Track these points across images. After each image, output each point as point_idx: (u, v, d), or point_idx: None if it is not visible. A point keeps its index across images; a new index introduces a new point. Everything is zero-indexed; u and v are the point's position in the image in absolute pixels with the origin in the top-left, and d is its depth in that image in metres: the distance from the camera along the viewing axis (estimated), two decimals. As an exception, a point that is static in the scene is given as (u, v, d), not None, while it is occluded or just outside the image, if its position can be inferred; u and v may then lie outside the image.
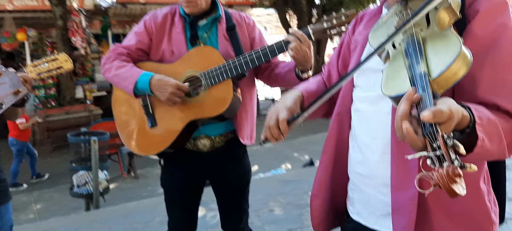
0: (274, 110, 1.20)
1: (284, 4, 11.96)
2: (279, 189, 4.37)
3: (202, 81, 1.80)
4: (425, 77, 0.80)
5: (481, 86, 0.94)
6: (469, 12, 1.00)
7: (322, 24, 1.72)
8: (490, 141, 0.84)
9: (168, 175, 2.04)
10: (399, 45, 0.96)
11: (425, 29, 0.93)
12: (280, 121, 1.15)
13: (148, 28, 1.92)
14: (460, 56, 0.80)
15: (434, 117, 0.71)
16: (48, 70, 1.83)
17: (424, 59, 0.85)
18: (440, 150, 0.70)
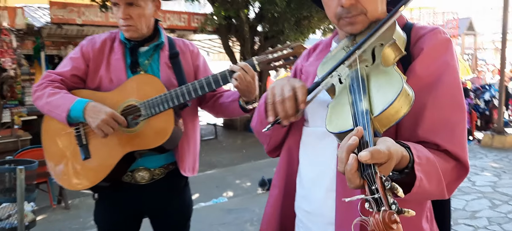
0: (283, 82, 1.03)
1: (227, 31, 12.05)
2: (220, 219, 4.27)
3: (141, 111, 1.71)
4: (367, 115, 0.79)
5: (422, 125, 0.94)
6: (414, 50, 1.01)
7: (267, 56, 1.71)
8: (429, 181, 0.84)
9: (102, 209, 1.90)
10: (345, 80, 0.95)
11: (371, 65, 0.93)
12: (298, 88, 0.99)
13: (85, 53, 1.81)
14: (402, 94, 0.80)
15: (372, 158, 0.69)
16: None
17: (367, 96, 0.84)
18: (378, 193, 0.68)
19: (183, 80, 1.80)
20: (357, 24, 1.05)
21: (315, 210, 1.11)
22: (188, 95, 1.71)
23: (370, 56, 0.94)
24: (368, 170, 0.70)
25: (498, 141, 7.24)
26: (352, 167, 0.71)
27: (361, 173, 0.71)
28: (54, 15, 9.96)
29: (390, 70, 0.88)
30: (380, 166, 0.71)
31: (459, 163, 0.95)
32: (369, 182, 0.69)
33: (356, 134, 0.76)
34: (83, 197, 6.66)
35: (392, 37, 0.93)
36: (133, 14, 1.73)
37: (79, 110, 1.65)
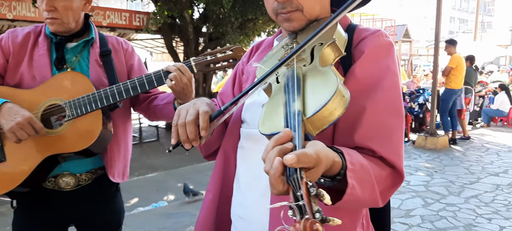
0: (188, 106, 0.99)
1: (170, 31, 11.82)
2: (159, 224, 4.13)
3: (66, 111, 1.59)
4: (299, 116, 0.75)
5: (359, 129, 0.91)
6: (355, 52, 0.98)
7: (206, 58, 1.65)
8: (362, 188, 0.81)
9: (21, 219, 1.74)
10: (282, 80, 0.90)
11: (308, 64, 0.89)
12: (201, 114, 0.95)
13: (4, 47, 1.66)
14: (336, 95, 0.76)
15: (299, 161, 0.65)
16: None
17: (301, 97, 0.80)
18: (302, 199, 0.63)
19: (114, 79, 1.70)
20: (293, 20, 1.02)
21: (249, 216, 1.06)
22: (119, 96, 1.61)
23: (309, 56, 0.90)
24: (293, 175, 0.65)
25: (430, 142, 7.64)
26: (276, 171, 0.66)
27: (287, 178, 0.66)
28: (-19, 9, 9.26)
29: (326, 70, 0.84)
30: (307, 171, 0.67)
31: (394, 170, 0.93)
32: (294, 187, 0.65)
33: (283, 136, 0.71)
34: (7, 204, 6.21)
35: (332, 36, 0.89)
36: (58, 6, 1.60)
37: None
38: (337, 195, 0.79)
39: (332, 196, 0.66)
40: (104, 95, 1.59)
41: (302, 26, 1.03)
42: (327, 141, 0.85)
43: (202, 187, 6.77)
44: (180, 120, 0.97)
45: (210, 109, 0.98)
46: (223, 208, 1.14)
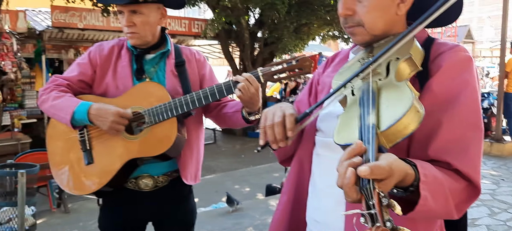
0: (275, 108, 1.07)
1: (227, 36, 12.10)
2: (220, 224, 4.28)
3: (145, 119, 1.74)
4: (373, 130, 0.79)
5: (435, 143, 0.92)
6: (432, 66, 0.98)
7: (272, 68, 1.71)
8: (435, 200, 0.83)
9: (106, 215, 1.92)
10: (357, 93, 0.94)
11: (384, 79, 0.91)
12: (287, 116, 1.03)
13: (93, 59, 1.84)
14: (411, 111, 0.79)
15: (372, 173, 0.69)
16: None
17: (376, 110, 0.83)
18: (374, 208, 0.68)
19: (188, 88, 1.82)
20: (356, 35, 1.06)
21: (325, 221, 1.11)
22: (192, 105, 1.72)
23: (384, 70, 0.93)
24: (366, 185, 0.70)
25: (496, 149, 7.26)
26: (350, 181, 0.72)
27: (360, 188, 0.71)
28: (55, 19, 10.01)
29: (402, 85, 0.87)
30: (379, 182, 0.71)
31: (470, 184, 0.92)
32: (367, 197, 0.70)
33: (356, 148, 0.76)
34: (82, 201, 6.66)
35: (409, 52, 0.91)
36: (137, 21, 1.75)
37: (83, 112, 1.67)
38: (410, 205, 0.82)
39: (405, 206, 0.71)
40: (179, 104, 1.72)
41: (366, 40, 1.06)
42: (402, 153, 0.87)
43: (258, 189, 6.90)
44: (267, 122, 1.05)
45: (295, 112, 1.05)
46: (297, 210, 1.21)
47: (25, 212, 4.31)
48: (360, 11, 1.03)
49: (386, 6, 1.03)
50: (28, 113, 10.60)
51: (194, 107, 1.74)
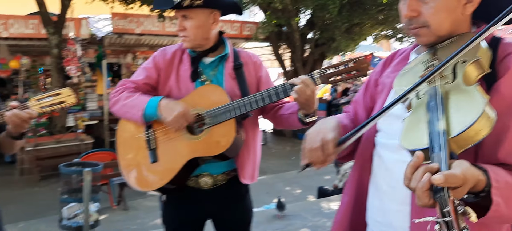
0: (317, 132, 1.11)
1: (277, 38, 12.15)
2: (272, 225, 4.33)
3: (206, 120, 1.81)
4: (444, 136, 0.78)
5: (504, 146, 0.91)
6: (500, 67, 0.96)
7: (328, 70, 1.72)
8: (507, 205, 0.82)
9: (169, 211, 2.03)
10: (423, 96, 0.93)
11: (451, 82, 0.90)
12: (327, 142, 1.07)
13: (157, 63, 1.94)
14: (483, 117, 0.78)
15: (446, 182, 0.70)
16: (51, 104, 1.82)
17: (445, 116, 0.82)
18: (449, 216, 0.68)
19: (245, 91, 1.88)
20: (421, 36, 1.05)
21: (388, 221, 1.11)
22: (249, 106, 1.78)
23: (450, 73, 0.91)
24: (440, 193, 0.70)
25: None
26: (424, 186, 0.73)
27: (434, 195, 0.72)
28: (115, 25, 10.54)
29: (471, 89, 0.85)
30: (453, 190, 0.71)
31: None
32: (441, 204, 0.70)
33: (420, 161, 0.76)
34: (141, 199, 6.96)
35: (476, 54, 0.89)
36: (187, 25, 1.84)
37: (153, 106, 1.78)
38: (480, 210, 0.81)
39: (475, 211, 0.70)
40: (237, 106, 1.78)
41: (431, 41, 1.05)
42: (471, 157, 0.86)
43: (309, 191, 6.89)
44: (308, 145, 1.10)
45: (336, 134, 1.08)
46: (358, 211, 1.22)
47: (89, 208, 4.58)
48: (426, 12, 1.02)
49: (452, 7, 1.02)
50: (90, 115, 11.22)
51: (252, 109, 1.79)
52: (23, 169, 8.77)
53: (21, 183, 8.45)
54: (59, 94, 1.83)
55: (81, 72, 9.59)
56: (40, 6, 8.80)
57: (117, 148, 1.99)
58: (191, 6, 1.81)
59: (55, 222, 5.08)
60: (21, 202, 7.13)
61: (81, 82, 10.59)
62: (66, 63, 9.17)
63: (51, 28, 8.95)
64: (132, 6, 9.93)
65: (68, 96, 1.85)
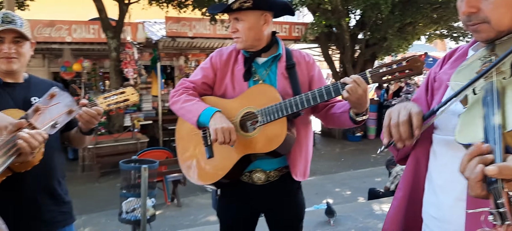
0: (400, 107, 1.10)
1: (327, 39, 12.08)
2: (323, 225, 4.35)
3: (258, 118, 1.88)
4: (499, 130, 0.79)
5: None
6: None
7: (381, 69, 1.72)
8: None
9: (223, 205, 2.12)
10: (479, 92, 0.93)
11: (508, 77, 0.90)
12: (414, 114, 1.06)
13: (214, 64, 2.04)
14: None
15: (500, 173, 0.71)
16: (116, 102, 1.96)
17: (501, 110, 0.83)
18: (503, 207, 0.69)
19: (298, 90, 1.93)
20: (480, 32, 1.05)
21: (443, 216, 1.12)
22: (301, 105, 1.82)
23: (508, 68, 0.91)
24: (494, 185, 0.72)
25: None
26: (477, 176, 0.75)
27: (488, 187, 0.74)
28: (169, 29, 10.95)
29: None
30: (507, 182, 0.72)
31: None
32: (495, 196, 0.72)
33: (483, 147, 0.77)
34: (193, 196, 7.20)
35: None
36: (239, 27, 1.93)
37: (208, 116, 1.87)
38: None
39: None
40: (289, 104, 1.82)
41: (491, 37, 1.05)
42: None
43: (359, 193, 6.81)
44: (392, 121, 1.08)
45: (421, 110, 1.07)
46: (412, 206, 1.23)
47: (146, 203, 4.82)
48: (486, 8, 1.02)
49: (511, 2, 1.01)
50: (145, 116, 11.71)
51: (303, 108, 1.83)
52: (84, 165, 9.34)
53: (83, 179, 9.00)
54: (123, 93, 1.98)
55: (138, 75, 10.04)
56: (100, 12, 9.33)
57: (176, 143, 2.11)
58: (240, 9, 1.90)
59: (115, 215, 5.38)
60: (83, 197, 7.59)
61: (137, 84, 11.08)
62: (124, 66, 9.66)
63: (110, 32, 9.46)
64: (185, 10, 10.27)
65: (132, 95, 1.99)
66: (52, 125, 1.50)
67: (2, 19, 1.77)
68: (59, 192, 1.94)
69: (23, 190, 1.75)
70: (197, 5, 9.93)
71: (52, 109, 1.55)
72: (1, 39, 1.77)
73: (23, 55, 1.84)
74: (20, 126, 1.35)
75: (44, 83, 2.00)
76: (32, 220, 1.82)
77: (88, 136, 1.98)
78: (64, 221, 1.96)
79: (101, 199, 7.64)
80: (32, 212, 1.82)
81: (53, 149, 1.86)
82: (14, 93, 1.83)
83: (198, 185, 2.07)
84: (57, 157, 1.91)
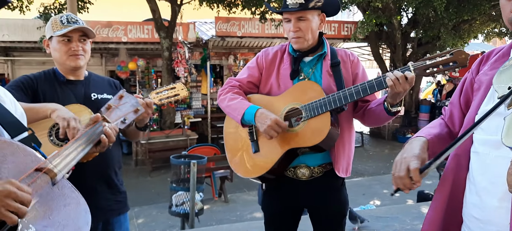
0: (402, 161, 1.19)
1: (377, 38, 11.83)
2: (369, 225, 4.30)
3: (303, 113, 1.92)
4: None
5: None
6: None
7: (425, 62, 1.71)
8: None
9: (268, 199, 2.18)
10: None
11: None
12: (412, 170, 1.14)
13: (260, 64, 2.12)
14: None
15: None
16: (167, 97, 2.07)
17: None
18: None
19: (342, 87, 1.95)
20: None
21: (487, 218, 1.11)
22: (344, 100, 1.85)
23: None
24: None
25: None
26: None
27: None
28: (218, 29, 11.20)
29: None
30: None
31: None
32: None
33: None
34: (239, 193, 7.34)
35: None
36: (302, 26, 1.96)
37: (251, 114, 1.94)
38: None
39: None
40: (332, 99, 1.86)
41: None
42: None
43: (408, 195, 6.64)
44: (395, 173, 1.19)
45: (421, 160, 1.15)
46: (452, 207, 1.23)
47: (195, 197, 5.00)
48: None
49: None
50: (195, 113, 12.06)
51: (347, 102, 1.86)
52: (137, 160, 9.77)
53: (136, 172, 9.42)
54: (174, 88, 2.08)
55: (188, 73, 10.36)
56: (154, 13, 9.71)
57: (224, 139, 2.20)
58: (313, 7, 1.93)
59: (165, 208, 5.61)
60: (136, 189, 7.96)
61: (188, 83, 11.43)
62: (176, 65, 10.00)
63: (163, 32, 9.82)
64: (234, 10, 10.46)
65: (182, 90, 2.09)
66: (121, 121, 1.65)
67: (68, 20, 1.93)
68: (116, 182, 2.08)
69: (84, 178, 1.87)
70: (246, 5, 10.08)
71: (121, 108, 1.70)
72: (69, 38, 1.93)
73: (87, 52, 2.00)
74: (97, 120, 1.49)
75: (102, 81, 2.15)
76: (92, 208, 1.95)
77: (141, 131, 2.09)
78: (119, 210, 2.10)
79: (152, 192, 7.96)
80: (91, 200, 1.94)
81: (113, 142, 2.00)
82: (75, 90, 1.99)
83: (244, 182, 2.14)
84: (114, 149, 2.04)
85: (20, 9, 9.36)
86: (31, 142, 1.20)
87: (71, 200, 1.17)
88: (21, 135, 1.22)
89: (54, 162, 1.17)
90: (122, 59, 11.41)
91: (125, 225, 2.15)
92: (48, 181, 1.13)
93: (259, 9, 10.01)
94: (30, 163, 1.11)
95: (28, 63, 11.29)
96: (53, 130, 1.82)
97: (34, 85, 1.94)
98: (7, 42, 10.26)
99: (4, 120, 1.19)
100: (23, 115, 1.34)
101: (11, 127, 1.20)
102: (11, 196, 0.96)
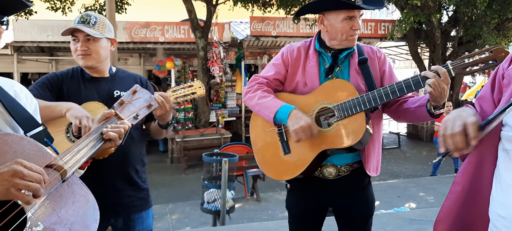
0: (456, 118, 1.10)
1: (415, 37, 11.53)
2: (401, 228, 4.21)
3: (335, 113, 1.89)
4: None
5: None
6: None
7: (463, 61, 1.66)
8: None
9: (293, 198, 2.15)
10: None
11: None
12: (470, 124, 1.06)
13: (285, 60, 2.08)
14: None
15: None
16: (184, 95, 2.03)
17: None
18: None
19: (371, 84, 1.92)
20: None
21: None
22: (379, 99, 1.80)
23: None
24: None
25: None
26: None
27: None
28: (253, 29, 11.27)
29: None
30: None
31: None
32: None
33: None
34: (271, 192, 7.35)
35: None
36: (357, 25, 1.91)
37: (285, 113, 1.91)
38: None
39: None
40: (367, 99, 1.82)
41: None
42: None
43: (446, 200, 6.44)
44: (447, 131, 1.08)
45: (478, 118, 1.05)
46: (469, 202, 1.20)
47: (227, 194, 5.06)
48: None
49: None
50: (229, 112, 12.19)
51: (382, 102, 1.81)
52: (173, 157, 9.98)
53: (171, 169, 9.62)
54: (191, 86, 2.05)
55: (223, 73, 10.48)
56: (190, 13, 9.89)
57: (251, 140, 2.17)
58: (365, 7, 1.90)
59: (198, 205, 5.71)
60: (171, 186, 8.13)
61: (222, 82, 11.57)
62: (211, 64, 10.14)
63: (199, 32, 9.98)
64: (269, 10, 10.49)
65: (199, 88, 2.05)
66: (134, 116, 1.64)
67: (79, 20, 1.97)
68: (136, 179, 2.10)
69: (104, 176, 1.93)
70: (281, 4, 10.08)
71: (134, 103, 1.69)
72: (76, 38, 1.98)
73: (96, 52, 2.00)
74: (109, 116, 1.53)
75: (128, 77, 2.17)
76: (112, 204, 1.99)
77: (164, 130, 2.09)
78: (141, 206, 2.13)
79: (187, 189, 8.11)
80: (112, 197, 2.00)
81: (132, 139, 2.02)
82: (99, 87, 2.03)
83: (277, 181, 2.10)
84: (135, 147, 2.07)
85: (63, 10, 9.78)
86: (44, 137, 1.23)
87: (80, 197, 1.17)
88: (34, 130, 1.24)
89: (64, 159, 1.18)
90: (160, 59, 11.68)
91: (147, 222, 2.17)
92: (58, 178, 1.14)
93: (294, 9, 9.99)
94: (41, 159, 1.12)
95: (71, 63, 11.74)
96: (70, 128, 1.87)
97: (60, 82, 2.00)
98: (51, 43, 10.72)
99: (19, 116, 1.22)
100: (37, 109, 1.38)
101: (26, 123, 1.23)
102: (18, 175, 0.95)
